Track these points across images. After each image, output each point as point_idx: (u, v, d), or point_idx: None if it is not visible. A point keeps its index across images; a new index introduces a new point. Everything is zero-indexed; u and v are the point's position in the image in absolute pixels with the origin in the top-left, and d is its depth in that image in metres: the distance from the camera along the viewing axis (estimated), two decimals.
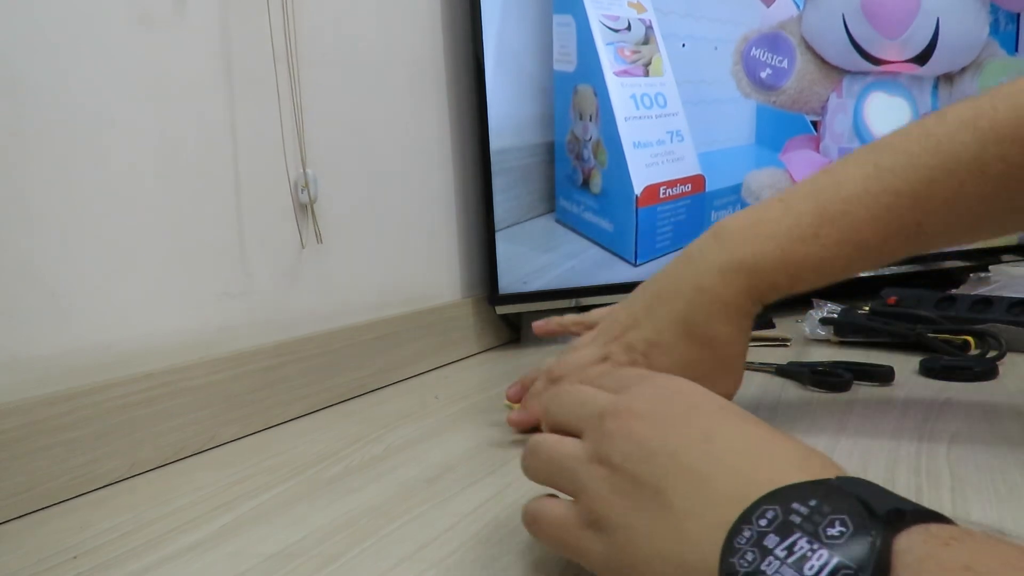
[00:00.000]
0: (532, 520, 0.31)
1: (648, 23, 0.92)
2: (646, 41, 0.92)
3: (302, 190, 0.67)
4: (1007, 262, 1.11)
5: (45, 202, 0.48)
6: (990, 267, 1.15)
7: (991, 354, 0.64)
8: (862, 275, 1.04)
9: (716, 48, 0.97)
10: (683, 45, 0.95)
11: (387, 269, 0.79)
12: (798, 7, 0.99)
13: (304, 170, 0.67)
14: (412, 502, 0.42)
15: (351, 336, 0.70)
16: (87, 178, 0.50)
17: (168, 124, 0.56)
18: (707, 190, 0.97)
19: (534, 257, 0.91)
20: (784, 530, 0.21)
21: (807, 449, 0.26)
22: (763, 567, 0.20)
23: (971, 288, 0.98)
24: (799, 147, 1.02)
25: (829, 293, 0.85)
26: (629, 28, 0.91)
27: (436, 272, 0.87)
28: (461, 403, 0.66)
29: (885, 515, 0.20)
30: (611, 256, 0.93)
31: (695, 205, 0.97)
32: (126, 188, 0.53)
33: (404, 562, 0.34)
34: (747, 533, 0.21)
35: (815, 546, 0.20)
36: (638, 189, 0.91)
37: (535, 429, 0.51)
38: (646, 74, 0.92)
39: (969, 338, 0.67)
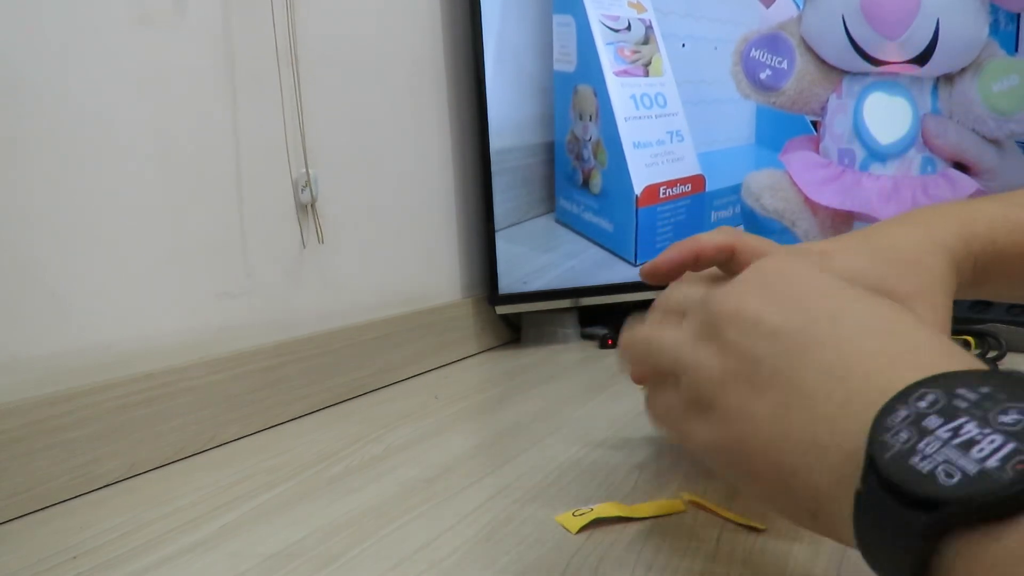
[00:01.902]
0: (648, 407, 0.30)
1: (648, 23, 0.92)
2: (646, 41, 0.92)
3: (303, 189, 0.67)
4: None
5: (45, 202, 0.48)
6: None
7: (991, 354, 0.64)
8: None
9: (716, 48, 0.97)
10: (683, 45, 0.95)
11: (387, 269, 0.79)
12: (798, 7, 0.99)
13: (306, 170, 0.67)
14: (412, 502, 0.42)
15: (351, 336, 0.70)
16: (87, 178, 0.50)
17: (168, 124, 0.56)
18: (707, 190, 0.97)
19: (534, 257, 0.91)
20: (949, 413, 0.18)
21: (951, 343, 0.23)
22: (921, 446, 0.18)
23: None
24: (799, 148, 1.02)
25: None
26: (629, 28, 0.91)
27: (436, 272, 0.87)
28: (461, 403, 0.66)
29: None
30: (611, 256, 0.93)
31: (695, 205, 0.97)
32: (126, 188, 0.53)
33: (404, 562, 0.34)
34: (903, 412, 0.19)
35: (986, 431, 0.17)
36: (638, 189, 0.91)
37: None
38: (646, 74, 0.92)
39: (969, 338, 0.67)
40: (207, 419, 0.56)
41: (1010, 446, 0.17)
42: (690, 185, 0.96)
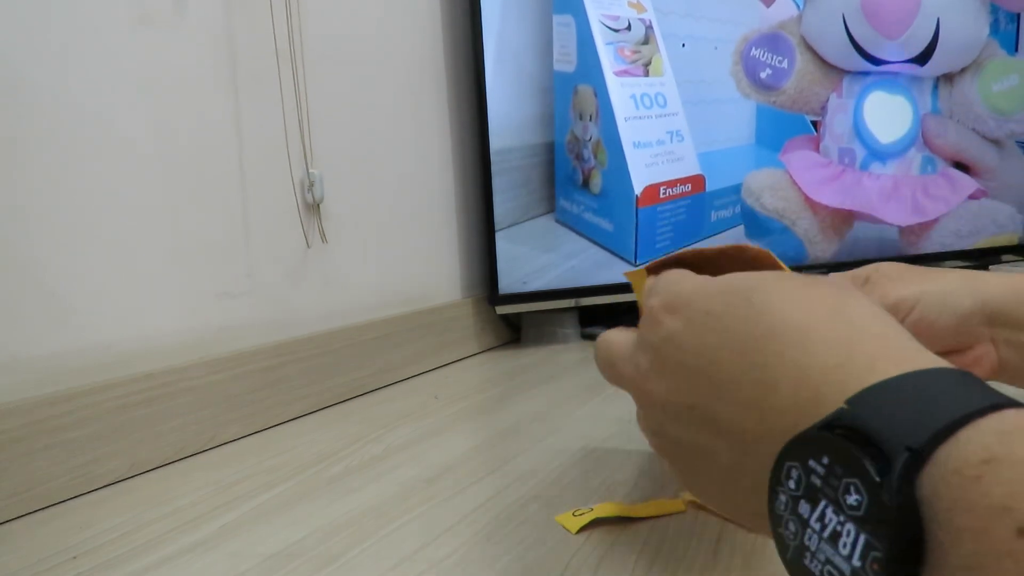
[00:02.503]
0: (598, 347, 0.31)
1: (648, 23, 0.92)
2: (646, 41, 0.92)
3: (308, 190, 0.67)
4: (1007, 262, 1.11)
5: (45, 202, 0.48)
6: (990, 267, 1.15)
7: None
8: None
9: (716, 48, 0.97)
10: (683, 45, 0.95)
11: (387, 269, 0.79)
12: (798, 7, 0.99)
13: (309, 170, 0.67)
14: (412, 502, 0.42)
15: (351, 336, 0.70)
16: (87, 178, 0.50)
17: (169, 124, 0.56)
18: (707, 190, 0.97)
19: (534, 257, 0.91)
20: (811, 495, 0.19)
21: (804, 345, 0.22)
22: (806, 542, 0.19)
23: None
24: (799, 147, 1.02)
25: None
26: (629, 28, 0.91)
27: (436, 272, 0.87)
28: (461, 403, 0.66)
29: (902, 460, 0.17)
30: (611, 256, 0.93)
31: (695, 205, 0.97)
32: (126, 188, 0.53)
33: (404, 562, 0.34)
34: (783, 497, 0.20)
35: (841, 518, 0.18)
36: (638, 189, 0.91)
37: None
38: (646, 74, 0.92)
39: None
40: (207, 419, 0.56)
41: (862, 539, 0.17)
42: (690, 185, 0.96)
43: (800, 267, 1.02)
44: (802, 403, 0.21)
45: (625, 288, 0.94)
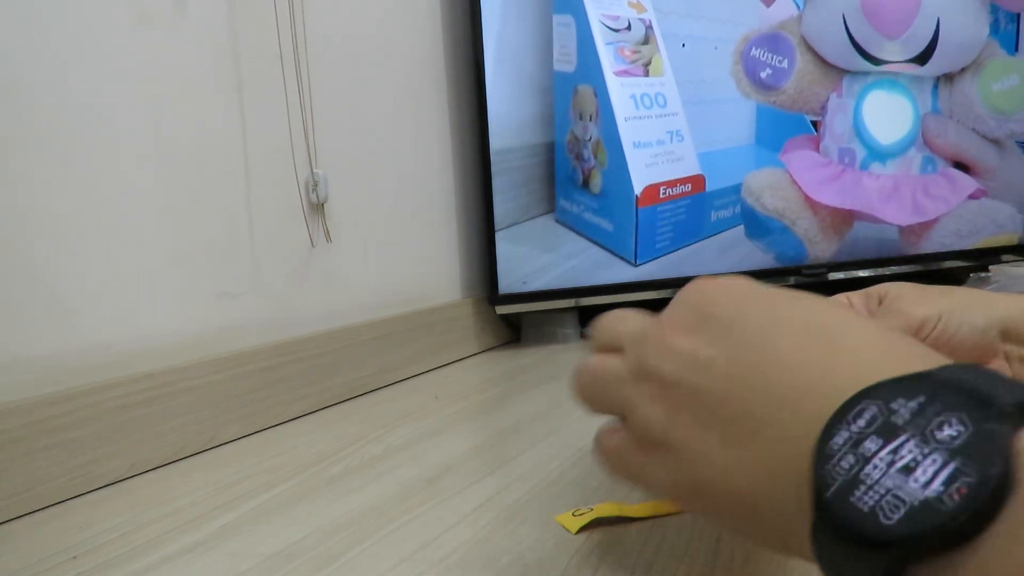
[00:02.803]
0: (597, 451, 0.29)
1: (648, 23, 0.92)
2: (646, 41, 0.92)
3: (313, 190, 0.67)
4: (1007, 262, 1.11)
5: (45, 202, 0.48)
6: (990, 267, 1.15)
7: None
8: (862, 275, 1.05)
9: (716, 48, 0.97)
10: (683, 45, 0.95)
11: (388, 269, 0.79)
12: (798, 7, 0.99)
13: (313, 170, 0.67)
14: (412, 502, 0.42)
15: (351, 336, 0.70)
16: (87, 178, 0.50)
17: (169, 124, 0.56)
18: (707, 190, 0.97)
19: (534, 257, 0.91)
20: (887, 432, 0.18)
21: (891, 335, 0.22)
22: (862, 476, 0.17)
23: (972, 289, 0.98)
24: (799, 147, 1.02)
25: (830, 293, 0.85)
26: (629, 28, 0.91)
27: (436, 272, 0.87)
28: (461, 403, 0.66)
29: (1011, 408, 0.17)
30: (611, 256, 0.93)
31: (695, 205, 0.97)
32: (126, 188, 0.53)
33: (404, 562, 0.34)
34: (843, 435, 0.19)
35: (926, 449, 0.17)
36: (638, 189, 0.91)
37: None
38: (646, 74, 0.92)
39: None
40: (207, 419, 0.56)
41: (950, 467, 0.16)
42: (690, 185, 0.96)
43: (800, 267, 1.02)
44: (879, 368, 0.20)
45: (625, 288, 0.94)
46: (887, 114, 1.03)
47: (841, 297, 0.44)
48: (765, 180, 1.00)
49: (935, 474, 0.16)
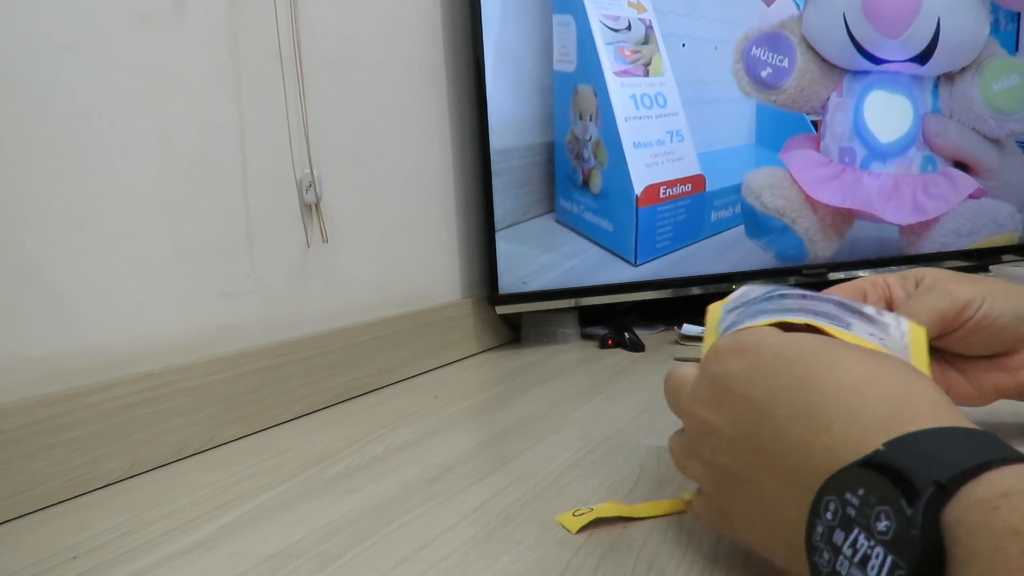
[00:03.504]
0: (671, 449, 0.35)
1: (648, 23, 0.92)
2: (646, 41, 0.92)
3: (307, 190, 0.67)
4: (1007, 262, 1.11)
5: (45, 202, 0.48)
6: (990, 267, 1.15)
7: None
8: (862, 275, 1.04)
9: (716, 48, 0.97)
10: (683, 45, 0.95)
11: (387, 269, 0.79)
12: (798, 7, 0.99)
13: (310, 170, 0.67)
14: (412, 502, 0.42)
15: (351, 336, 0.70)
16: (87, 178, 0.50)
17: (169, 124, 0.56)
18: (707, 190, 0.97)
19: (534, 257, 0.91)
20: (846, 524, 0.21)
21: (862, 397, 0.25)
22: (838, 568, 0.21)
23: None
24: (799, 146, 1.02)
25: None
26: (629, 28, 0.91)
27: (436, 272, 0.87)
28: (461, 403, 0.66)
29: (930, 492, 0.19)
30: (611, 256, 0.93)
31: (695, 205, 0.97)
32: (126, 188, 0.53)
33: (404, 562, 0.34)
34: (820, 529, 0.22)
35: (871, 543, 0.20)
36: (638, 189, 0.91)
37: None
38: (646, 74, 0.92)
39: None
40: (207, 419, 0.56)
41: (889, 560, 0.19)
42: (690, 185, 0.96)
43: (800, 267, 1.02)
44: (849, 444, 0.24)
45: (625, 288, 0.94)
46: (887, 113, 1.03)
47: (879, 279, 0.44)
48: (765, 179, 1.00)
49: (881, 567, 0.20)
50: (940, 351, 0.44)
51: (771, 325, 0.32)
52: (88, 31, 0.50)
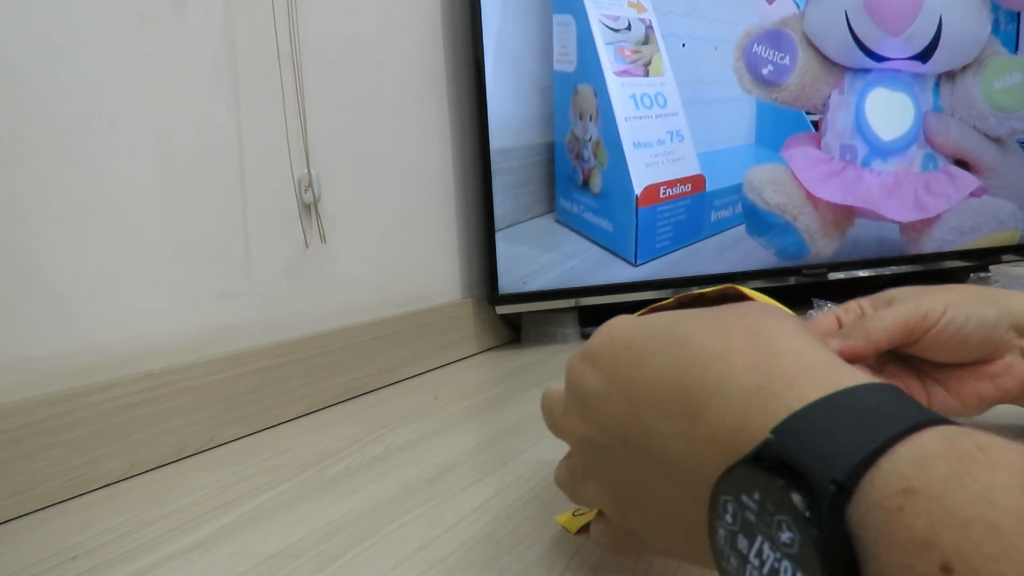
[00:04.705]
0: (556, 480, 0.33)
1: (648, 23, 0.92)
2: (646, 41, 0.92)
3: (306, 190, 0.67)
4: (1007, 262, 1.11)
5: (45, 202, 0.48)
6: (990, 267, 1.15)
7: None
8: (862, 275, 1.05)
9: (716, 48, 0.97)
10: (683, 45, 0.95)
11: (387, 269, 0.79)
12: (798, 7, 0.99)
13: (308, 170, 0.67)
14: (412, 502, 0.42)
15: (351, 336, 0.70)
16: (87, 178, 0.50)
17: (168, 124, 0.56)
18: (707, 190, 0.97)
19: (534, 257, 0.91)
20: (748, 530, 0.19)
21: (725, 370, 0.22)
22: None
23: None
24: (800, 144, 1.02)
25: (830, 293, 0.86)
26: (629, 28, 0.91)
27: (436, 272, 0.87)
28: (461, 403, 0.66)
29: (830, 496, 0.17)
30: (611, 256, 0.93)
31: (695, 205, 0.96)
32: (126, 188, 0.53)
33: (404, 562, 0.34)
34: (721, 532, 0.20)
35: (777, 555, 0.18)
36: (638, 189, 0.91)
37: None
38: (646, 74, 0.92)
39: None
40: (207, 419, 0.56)
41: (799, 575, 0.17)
42: (690, 185, 0.96)
43: (800, 267, 1.02)
44: (728, 431, 0.21)
45: (625, 288, 0.94)
46: (889, 111, 1.03)
47: (852, 303, 0.45)
48: (767, 175, 1.00)
49: None
50: (921, 366, 0.45)
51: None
52: (88, 31, 0.50)
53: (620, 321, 0.29)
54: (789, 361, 0.22)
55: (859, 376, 0.21)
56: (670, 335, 0.25)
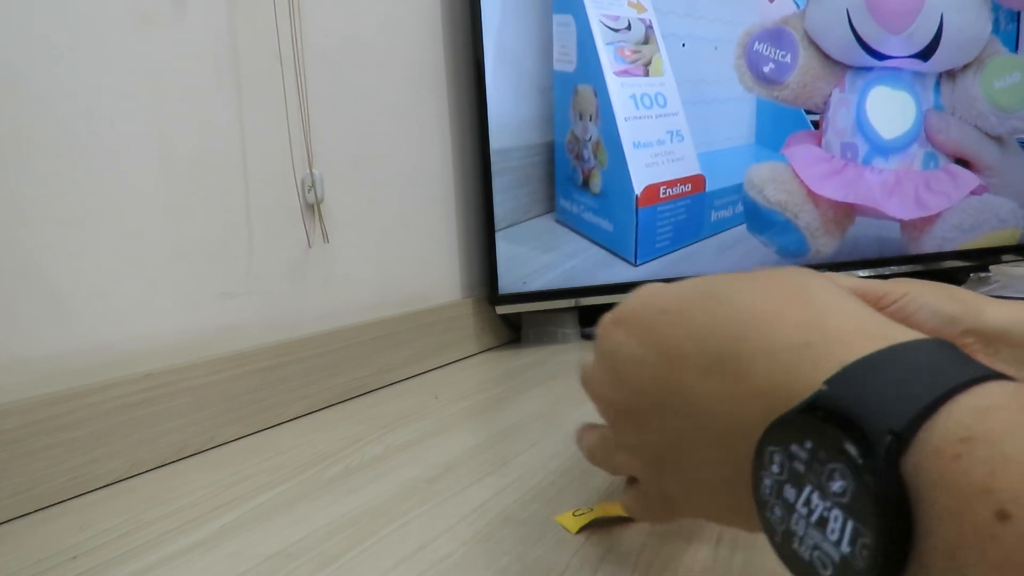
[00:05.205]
0: (584, 451, 0.32)
1: (648, 23, 0.92)
2: (646, 41, 0.92)
3: (309, 190, 0.67)
4: (1007, 262, 1.11)
5: (45, 202, 0.48)
6: (990, 267, 1.15)
7: None
8: (862, 275, 1.04)
9: (716, 48, 0.97)
10: (683, 45, 0.95)
11: (387, 269, 0.79)
12: (798, 6, 0.99)
13: (310, 170, 0.67)
14: (412, 502, 0.42)
15: (351, 336, 0.70)
16: (87, 178, 0.50)
17: (169, 124, 0.56)
18: (707, 190, 0.97)
19: (534, 257, 0.91)
20: (796, 480, 0.19)
21: (772, 327, 0.22)
22: (794, 527, 0.19)
23: (971, 288, 0.98)
24: (801, 142, 1.02)
25: None
26: (629, 28, 0.91)
27: (436, 272, 0.87)
28: (461, 403, 0.66)
29: (886, 445, 0.17)
30: (611, 256, 0.93)
31: (695, 205, 0.96)
32: (126, 188, 0.53)
33: (404, 562, 0.34)
34: (767, 482, 0.20)
35: (827, 504, 0.18)
36: (638, 189, 0.91)
37: None
38: (646, 74, 0.92)
39: None
40: (207, 419, 0.56)
41: (850, 526, 0.17)
42: (690, 185, 0.96)
43: (802, 265, 1.02)
44: (777, 386, 0.21)
45: (625, 288, 0.93)
46: (890, 109, 1.03)
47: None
48: (767, 173, 1.00)
49: (842, 531, 0.17)
50: None
51: None
52: (88, 31, 0.50)
53: (652, 287, 0.28)
54: (839, 318, 0.21)
55: (912, 333, 0.20)
56: (708, 296, 0.25)
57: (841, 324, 0.21)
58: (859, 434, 0.17)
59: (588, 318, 0.99)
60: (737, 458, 0.21)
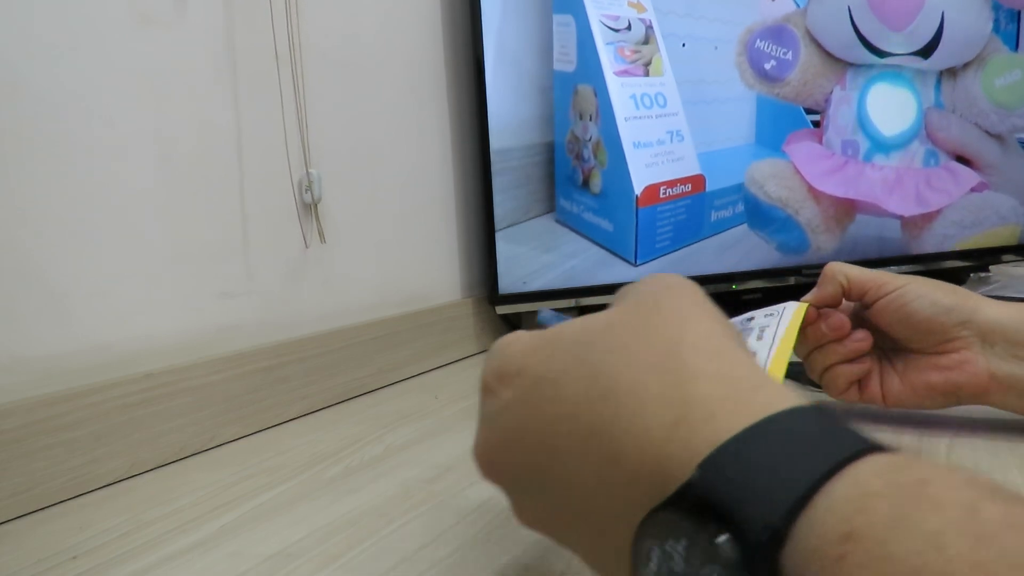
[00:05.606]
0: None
1: (648, 23, 0.92)
2: (646, 41, 0.92)
3: (306, 190, 0.67)
4: (1007, 262, 1.11)
5: (45, 202, 0.48)
6: (990, 267, 1.15)
7: None
8: None
9: (716, 48, 0.97)
10: (683, 45, 0.95)
11: (387, 269, 0.79)
12: (798, 4, 0.99)
13: (308, 170, 0.67)
14: (412, 502, 0.42)
15: (351, 336, 0.70)
16: (87, 178, 0.50)
17: (169, 124, 0.56)
18: (707, 190, 0.97)
19: (534, 257, 0.91)
20: None
21: (664, 401, 0.20)
22: None
23: (971, 288, 0.98)
24: (802, 139, 1.02)
25: None
26: (629, 28, 0.91)
27: (436, 272, 0.87)
28: (461, 403, 0.66)
29: (764, 542, 0.16)
30: (611, 256, 0.93)
31: (695, 205, 0.96)
32: (126, 188, 0.53)
33: (404, 562, 0.34)
34: None
35: None
36: (638, 189, 0.91)
37: None
38: (646, 74, 0.92)
39: None
40: (207, 419, 0.56)
41: None
42: (690, 185, 0.96)
43: (800, 267, 1.02)
44: (649, 472, 0.19)
45: None
46: (891, 107, 1.03)
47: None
48: (769, 169, 1.00)
49: None
50: (884, 349, 0.49)
51: None
52: (88, 31, 0.50)
53: (528, 342, 0.26)
54: (708, 385, 0.20)
55: (783, 395, 0.19)
56: (583, 364, 0.23)
57: (711, 392, 0.20)
58: (735, 530, 0.16)
59: None
60: (619, 545, 0.20)
